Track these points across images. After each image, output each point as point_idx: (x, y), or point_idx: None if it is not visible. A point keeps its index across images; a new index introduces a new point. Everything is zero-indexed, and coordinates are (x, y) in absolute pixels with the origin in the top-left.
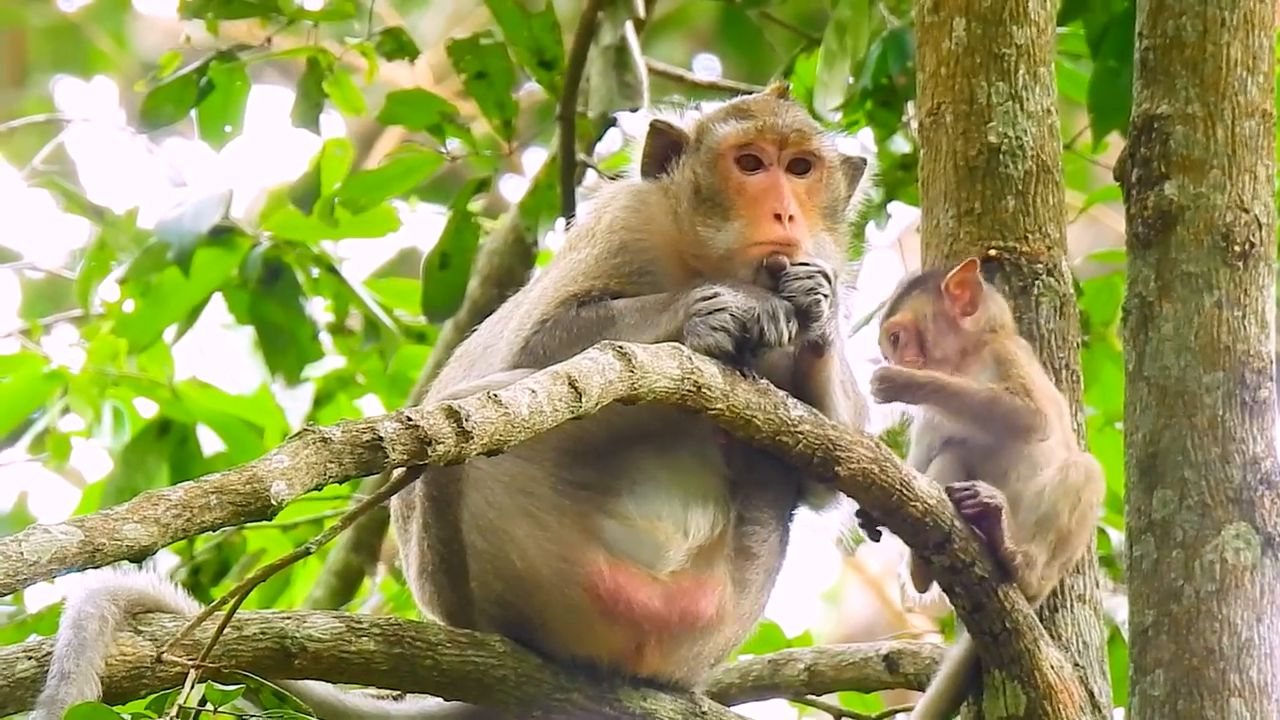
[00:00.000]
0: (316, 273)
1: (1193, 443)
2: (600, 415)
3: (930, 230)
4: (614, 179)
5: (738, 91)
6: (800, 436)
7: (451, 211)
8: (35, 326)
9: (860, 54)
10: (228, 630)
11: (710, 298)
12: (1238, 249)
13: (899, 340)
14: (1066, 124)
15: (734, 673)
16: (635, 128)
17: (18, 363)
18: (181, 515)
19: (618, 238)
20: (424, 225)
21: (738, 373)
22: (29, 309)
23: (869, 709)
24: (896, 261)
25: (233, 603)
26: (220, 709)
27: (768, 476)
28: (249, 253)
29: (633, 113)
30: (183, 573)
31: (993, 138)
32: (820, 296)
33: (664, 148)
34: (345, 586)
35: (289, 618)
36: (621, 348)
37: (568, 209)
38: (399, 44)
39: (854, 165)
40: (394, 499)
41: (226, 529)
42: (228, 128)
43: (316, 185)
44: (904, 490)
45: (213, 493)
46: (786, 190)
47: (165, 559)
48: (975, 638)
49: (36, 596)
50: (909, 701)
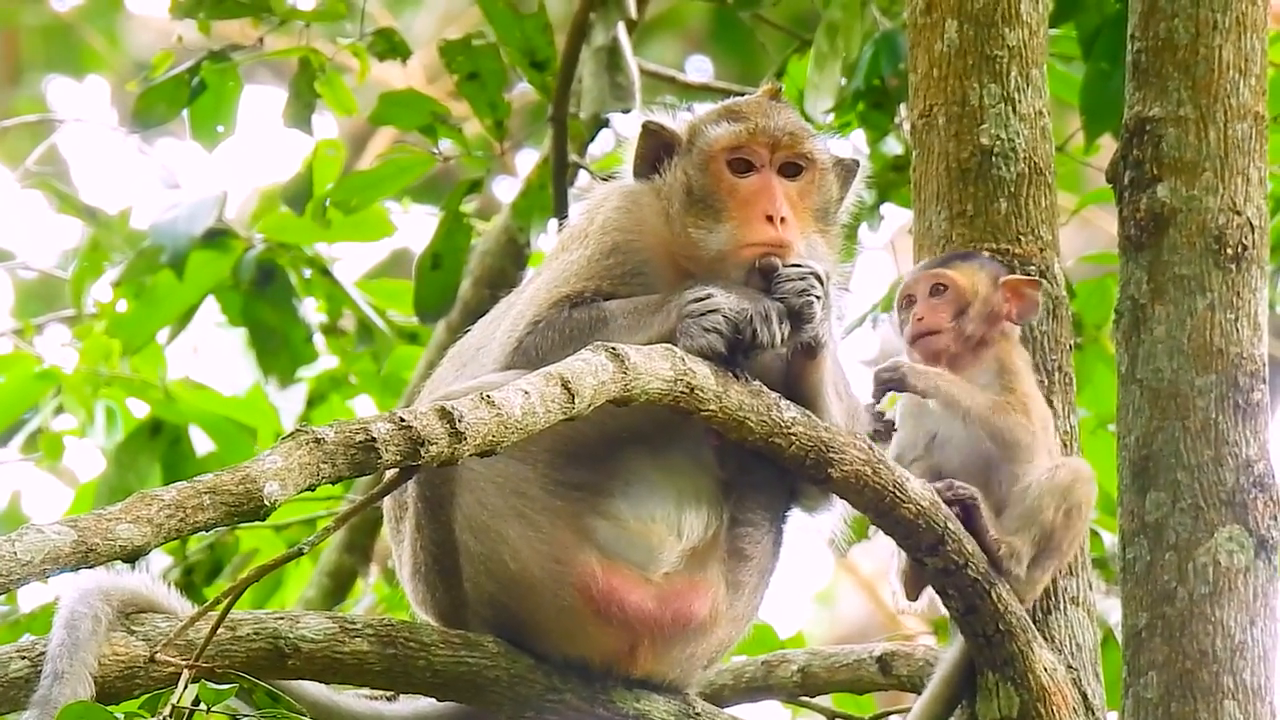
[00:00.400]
0: (309, 274)
1: (1185, 445)
2: (593, 416)
3: (922, 232)
4: (606, 180)
5: (730, 93)
6: (793, 438)
7: (443, 212)
8: (28, 326)
9: (852, 55)
10: (221, 630)
11: (703, 299)
12: (1230, 251)
13: (940, 292)
14: (1058, 126)
15: (727, 674)
16: (627, 129)
17: (11, 362)
18: (175, 515)
19: (610, 239)
20: (416, 226)
21: (730, 374)
22: (22, 309)
23: (862, 710)
24: (889, 263)
25: (226, 603)
26: (214, 709)
27: (761, 478)
28: (242, 254)
29: (625, 114)
30: (175, 573)
31: (985, 140)
32: (813, 298)
33: (656, 149)
34: (338, 587)
35: (282, 618)
36: (614, 349)
37: (560, 210)
38: (391, 44)
39: (846, 167)
40: (387, 500)
41: (219, 529)
42: (220, 128)
43: (309, 185)
44: (897, 492)
45: (206, 493)
46: (778, 192)
47: (158, 559)
48: (968, 640)
49: (29, 596)
50: (902, 703)
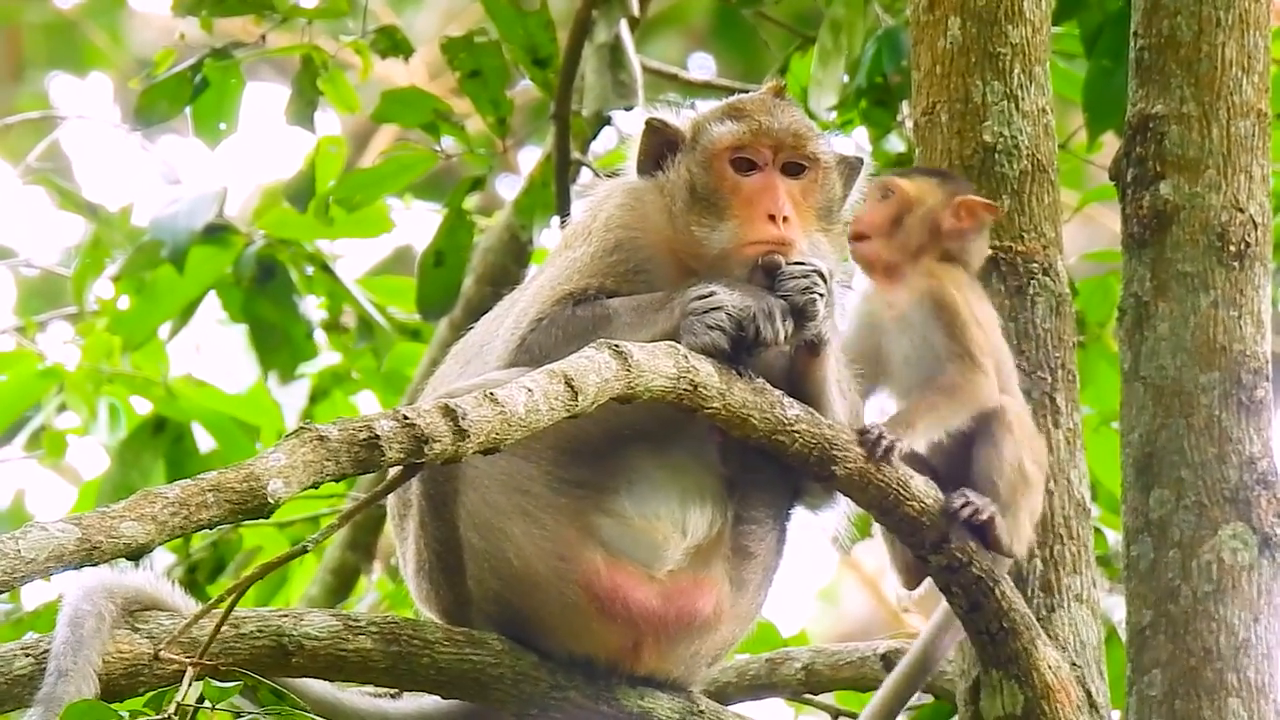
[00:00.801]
0: (310, 271)
1: (1189, 443)
2: (596, 414)
3: None
4: (610, 177)
5: (732, 90)
6: (797, 436)
7: (446, 209)
8: (30, 324)
9: (855, 53)
10: (225, 628)
11: (706, 296)
12: (1233, 249)
13: (887, 197)
14: (1061, 123)
15: (731, 672)
16: (630, 126)
17: (13, 360)
18: (179, 513)
19: (613, 236)
20: (419, 223)
21: (734, 371)
22: (24, 306)
23: None
24: None
25: (230, 600)
26: (218, 706)
27: (764, 476)
28: (243, 251)
29: (627, 111)
30: (179, 571)
31: (988, 137)
32: (816, 296)
33: (659, 146)
34: (341, 585)
35: (286, 616)
36: (618, 346)
37: (562, 207)
38: (393, 42)
39: (850, 164)
40: (391, 497)
41: (223, 527)
42: (222, 125)
43: (311, 183)
44: (900, 490)
45: (210, 490)
46: (781, 192)
47: (161, 557)
48: (972, 637)
49: (33, 594)
50: None
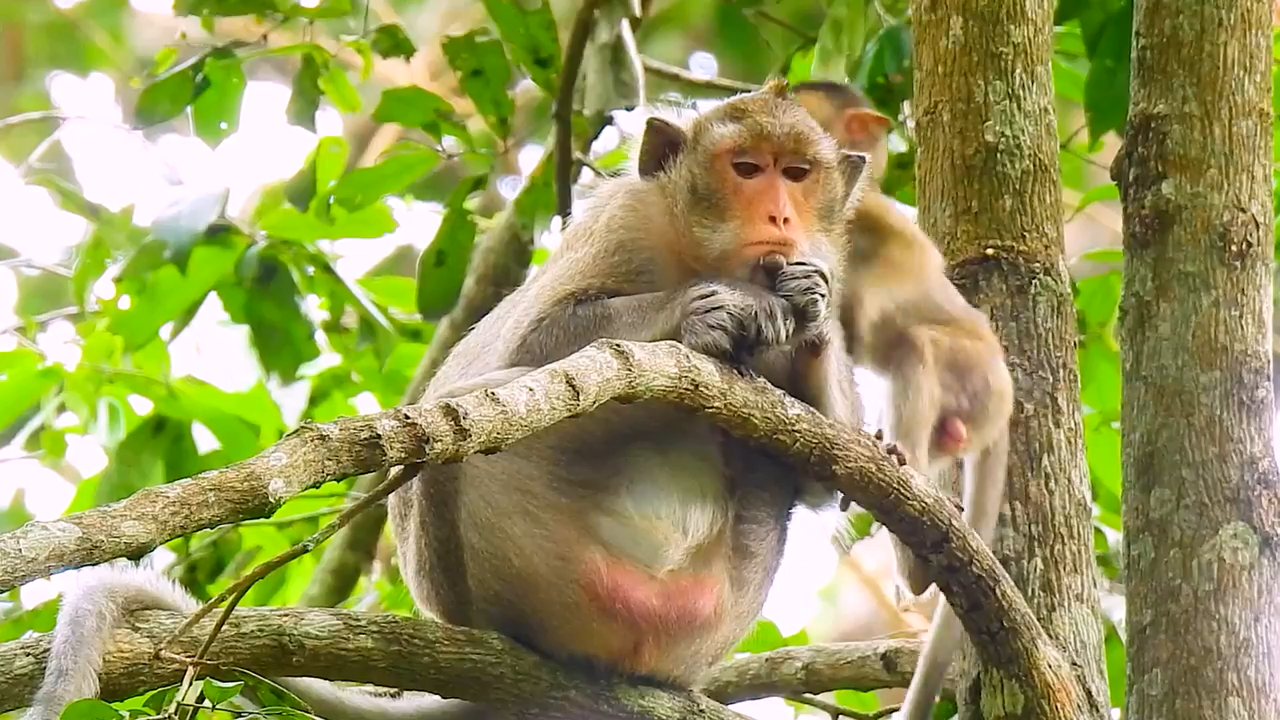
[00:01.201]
0: (312, 271)
1: (1190, 442)
2: (598, 413)
3: (927, 229)
4: (612, 177)
5: (734, 90)
6: (797, 435)
7: (447, 209)
8: (31, 324)
9: (857, 52)
10: (225, 627)
11: (707, 296)
12: (1235, 248)
13: None
14: (1063, 123)
15: (731, 671)
16: (631, 126)
17: (14, 360)
18: (180, 513)
19: (615, 237)
20: (420, 223)
21: (735, 371)
22: (25, 306)
23: (866, 708)
24: None
25: (230, 600)
26: (218, 706)
27: (765, 475)
28: (245, 251)
29: (629, 111)
30: (179, 570)
31: (990, 137)
32: (817, 296)
33: (661, 146)
34: (341, 585)
35: (287, 615)
36: (619, 346)
37: (564, 207)
38: (395, 41)
39: (851, 164)
40: (391, 497)
41: (224, 526)
42: (223, 125)
43: (312, 183)
44: (901, 489)
45: (211, 490)
46: (783, 193)
47: (161, 556)
48: (973, 636)
49: (33, 593)
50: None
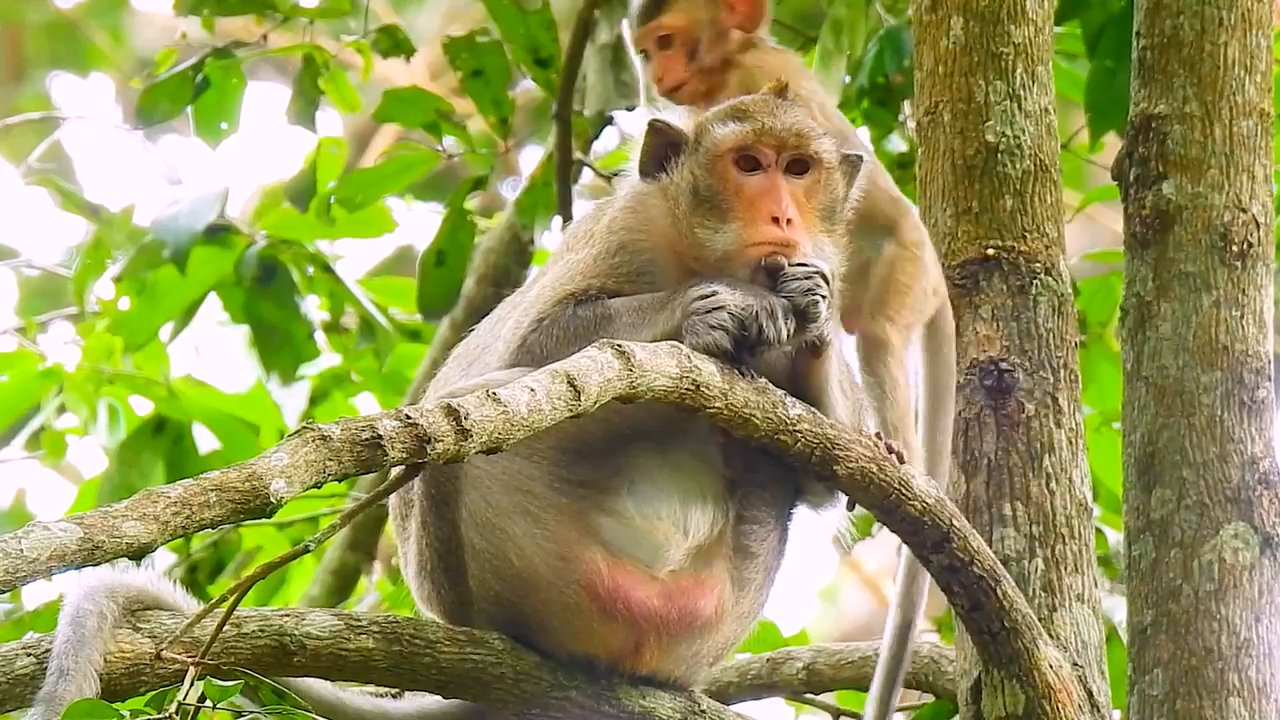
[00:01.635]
0: (312, 271)
1: (1191, 442)
2: (598, 414)
3: (928, 229)
4: (612, 177)
5: None
6: (799, 435)
7: (447, 210)
8: (31, 324)
9: (858, 52)
10: (227, 628)
11: (708, 296)
12: (1235, 249)
13: (668, 44)
14: (1063, 123)
15: (732, 671)
16: (632, 126)
17: (14, 360)
18: (181, 513)
19: (616, 239)
20: (420, 223)
21: (736, 371)
22: (25, 306)
23: None
24: None
25: (232, 600)
26: (219, 706)
27: (766, 476)
28: (244, 251)
29: (629, 111)
30: (179, 570)
31: (990, 137)
32: (819, 297)
33: (662, 148)
34: (342, 585)
35: (288, 615)
36: (620, 346)
37: (564, 208)
38: (395, 41)
39: (851, 163)
40: (392, 497)
41: (225, 527)
42: (223, 125)
43: (312, 183)
44: (902, 489)
45: (212, 490)
46: (785, 192)
47: (162, 556)
48: (974, 636)
49: (34, 593)
50: (907, 700)
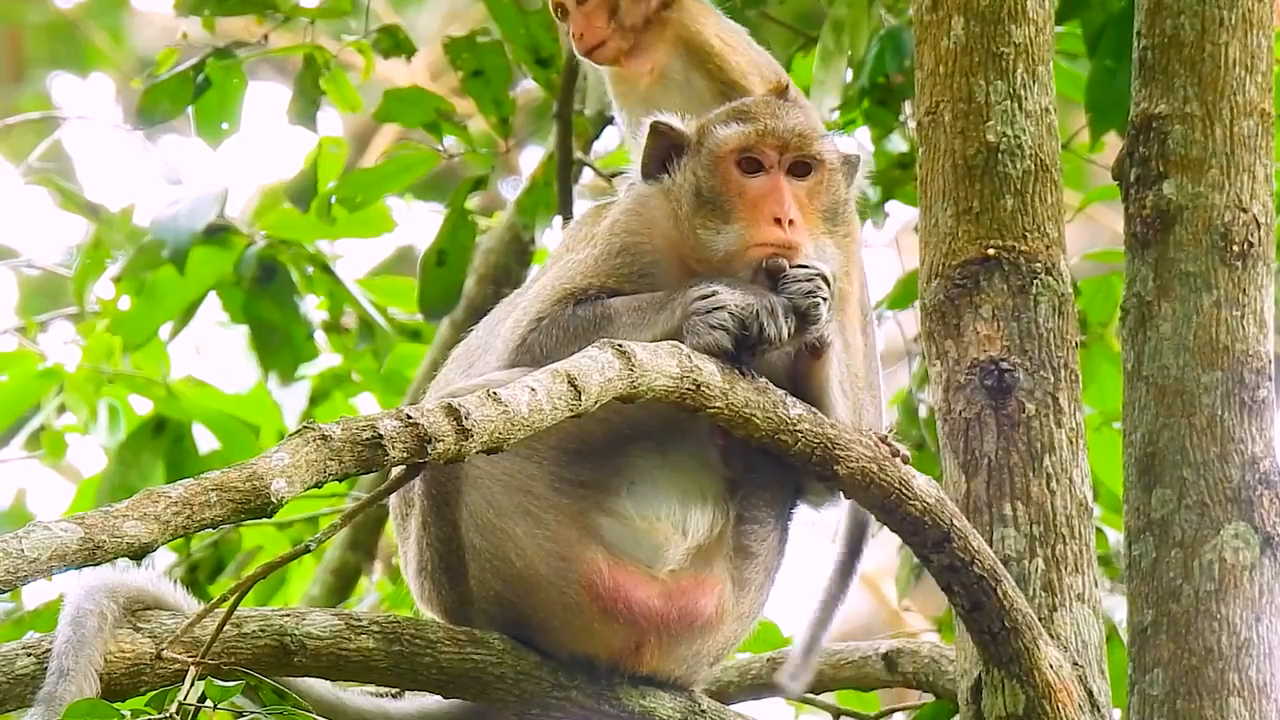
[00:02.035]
0: (311, 271)
1: (1191, 442)
2: (599, 414)
3: (928, 229)
4: (613, 177)
5: None
6: (799, 435)
7: (448, 209)
8: (31, 324)
9: (860, 52)
10: (227, 628)
11: (708, 296)
12: (1236, 248)
13: (585, 4)
14: (1064, 123)
15: (733, 671)
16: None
17: (14, 360)
18: (182, 512)
19: (618, 240)
20: (420, 223)
21: (737, 371)
22: (25, 306)
23: (867, 708)
24: (894, 260)
25: (232, 600)
26: (220, 706)
27: (766, 476)
28: (244, 251)
29: None
30: (180, 570)
31: (991, 136)
32: (819, 299)
33: (665, 150)
34: (342, 585)
35: (288, 615)
36: (621, 346)
37: (565, 207)
38: (395, 41)
39: (849, 163)
40: (393, 497)
41: (225, 526)
42: (224, 125)
43: (312, 183)
44: (903, 489)
45: (213, 490)
46: (787, 193)
47: (162, 556)
48: (974, 636)
49: (34, 593)
50: (907, 700)
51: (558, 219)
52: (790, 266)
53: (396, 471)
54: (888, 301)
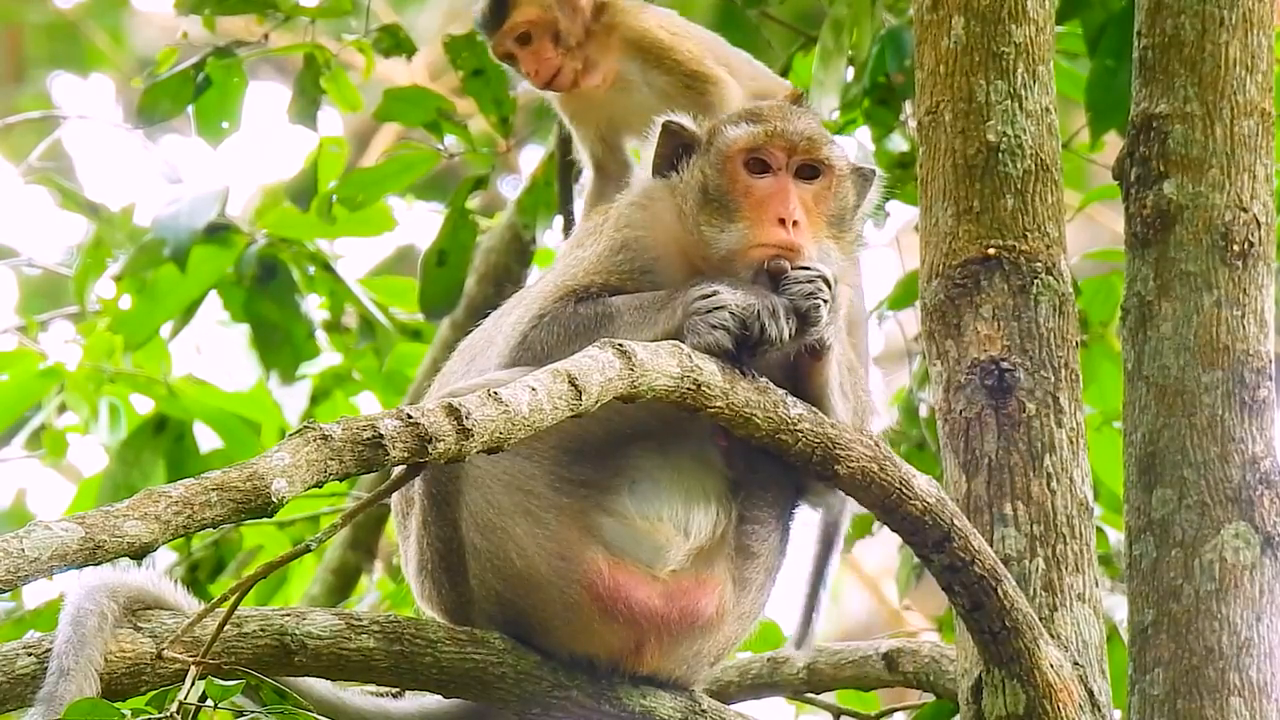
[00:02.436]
0: (312, 270)
1: (1192, 442)
2: (599, 413)
3: (929, 228)
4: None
5: None
6: (799, 435)
7: (448, 209)
8: (32, 323)
9: (860, 52)
10: (228, 627)
11: (709, 296)
12: (1236, 248)
13: (528, 40)
14: (1064, 123)
15: (733, 671)
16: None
17: (15, 359)
18: (182, 512)
19: (621, 236)
20: (421, 223)
21: (737, 371)
22: (26, 305)
23: (867, 707)
24: (894, 260)
25: (233, 600)
26: (220, 705)
27: (767, 476)
28: (245, 250)
29: None
30: (180, 569)
31: (991, 136)
32: (819, 301)
33: (675, 148)
34: (342, 584)
35: (289, 615)
36: (621, 345)
37: (565, 207)
38: (396, 41)
39: (864, 176)
40: (394, 497)
41: (226, 526)
42: (224, 124)
43: (313, 182)
44: (903, 489)
45: (213, 490)
46: (793, 195)
47: (162, 556)
48: (975, 636)
49: (35, 593)
50: (908, 700)
51: (558, 218)
52: (792, 268)
53: (397, 471)
54: (888, 301)
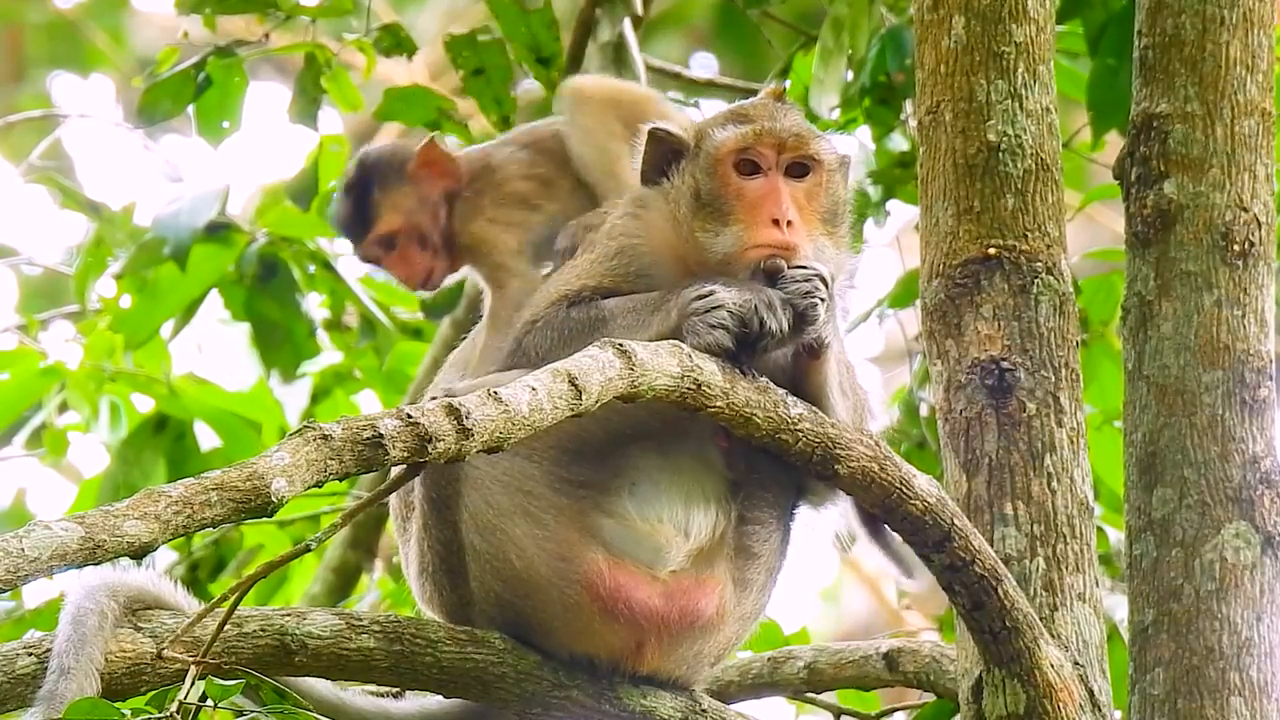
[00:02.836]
0: (313, 269)
1: (1192, 442)
2: (599, 414)
3: (929, 228)
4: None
5: (735, 89)
6: (800, 434)
7: None
8: (32, 322)
9: (858, 52)
10: (228, 627)
11: (706, 296)
12: (1237, 248)
13: (391, 245)
14: (1064, 122)
15: (734, 670)
16: None
17: (15, 358)
18: (182, 512)
19: (615, 243)
20: None
21: (737, 370)
22: (26, 305)
23: (868, 707)
24: (894, 260)
25: (233, 599)
26: (220, 705)
27: (768, 476)
28: (245, 249)
29: None
30: (180, 569)
31: (992, 136)
32: (817, 300)
33: (664, 155)
34: (343, 583)
35: (289, 614)
36: (621, 345)
37: None
38: (396, 40)
39: (843, 162)
40: (394, 498)
41: (226, 526)
42: (225, 124)
43: (313, 181)
44: (903, 488)
45: (213, 489)
46: (785, 195)
47: (162, 555)
48: (975, 636)
49: (35, 592)
50: (908, 700)
51: None
52: (788, 268)
53: (397, 471)
54: (888, 301)
